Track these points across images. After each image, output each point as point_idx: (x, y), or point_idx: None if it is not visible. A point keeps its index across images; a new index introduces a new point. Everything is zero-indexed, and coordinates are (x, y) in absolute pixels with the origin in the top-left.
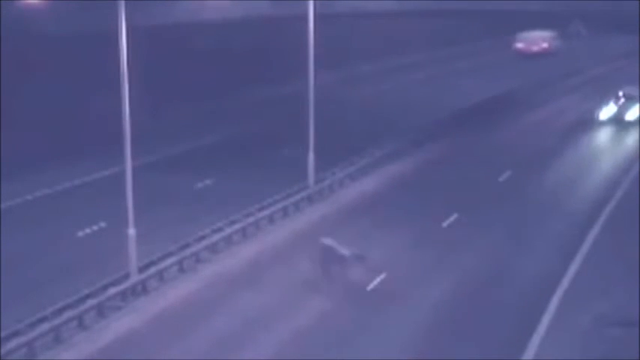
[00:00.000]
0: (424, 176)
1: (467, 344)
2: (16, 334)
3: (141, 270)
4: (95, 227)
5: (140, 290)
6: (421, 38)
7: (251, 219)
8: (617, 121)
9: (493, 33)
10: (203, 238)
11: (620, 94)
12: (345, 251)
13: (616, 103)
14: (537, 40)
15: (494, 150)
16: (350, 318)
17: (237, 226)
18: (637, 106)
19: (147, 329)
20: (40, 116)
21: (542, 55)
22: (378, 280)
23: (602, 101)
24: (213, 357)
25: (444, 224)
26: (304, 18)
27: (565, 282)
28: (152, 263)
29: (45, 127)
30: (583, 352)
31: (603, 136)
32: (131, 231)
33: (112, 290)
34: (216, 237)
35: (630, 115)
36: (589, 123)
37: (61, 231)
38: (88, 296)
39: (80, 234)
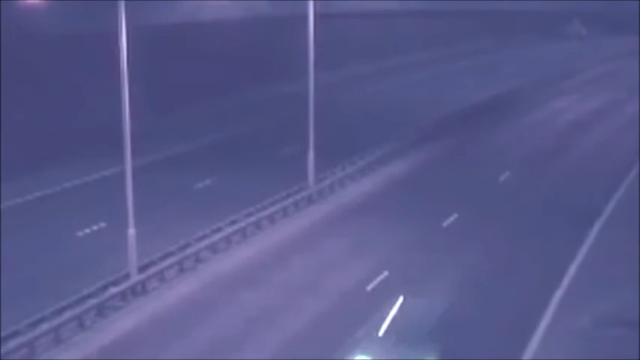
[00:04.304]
0: (424, 176)
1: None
2: (16, 334)
3: (141, 270)
4: (95, 227)
5: (140, 290)
6: (421, 38)
7: (251, 219)
8: None
9: (493, 32)
10: (203, 238)
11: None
12: None
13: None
14: None
15: (494, 150)
16: (348, 319)
17: (237, 226)
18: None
19: (147, 329)
20: (41, 116)
21: None
22: (378, 279)
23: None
24: (213, 357)
25: (444, 224)
26: (304, 18)
27: (565, 282)
28: (152, 263)
29: (45, 127)
30: (583, 353)
31: None
32: (131, 231)
33: (112, 290)
34: (216, 237)
35: None
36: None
37: (60, 231)
38: (88, 296)
39: (80, 234)
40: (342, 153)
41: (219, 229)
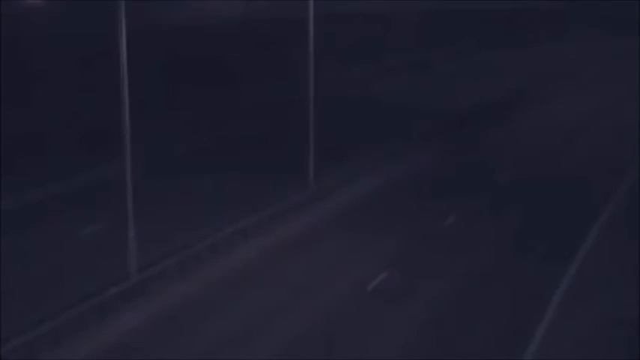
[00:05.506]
0: (424, 176)
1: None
2: (16, 334)
3: (141, 270)
4: (95, 227)
5: (140, 290)
6: (421, 38)
7: (251, 219)
8: None
9: (493, 32)
10: (203, 238)
11: None
12: None
13: None
14: None
15: (494, 150)
16: (346, 320)
17: (237, 226)
18: None
19: (147, 329)
20: (40, 115)
21: None
22: (378, 279)
23: None
24: (212, 357)
25: (445, 224)
26: (304, 19)
27: (565, 282)
28: (152, 263)
29: (45, 127)
30: (583, 353)
31: None
32: (131, 231)
33: (112, 290)
34: (216, 237)
35: None
36: None
37: (61, 231)
38: (88, 296)
39: (80, 234)
40: (342, 153)
41: (219, 229)
